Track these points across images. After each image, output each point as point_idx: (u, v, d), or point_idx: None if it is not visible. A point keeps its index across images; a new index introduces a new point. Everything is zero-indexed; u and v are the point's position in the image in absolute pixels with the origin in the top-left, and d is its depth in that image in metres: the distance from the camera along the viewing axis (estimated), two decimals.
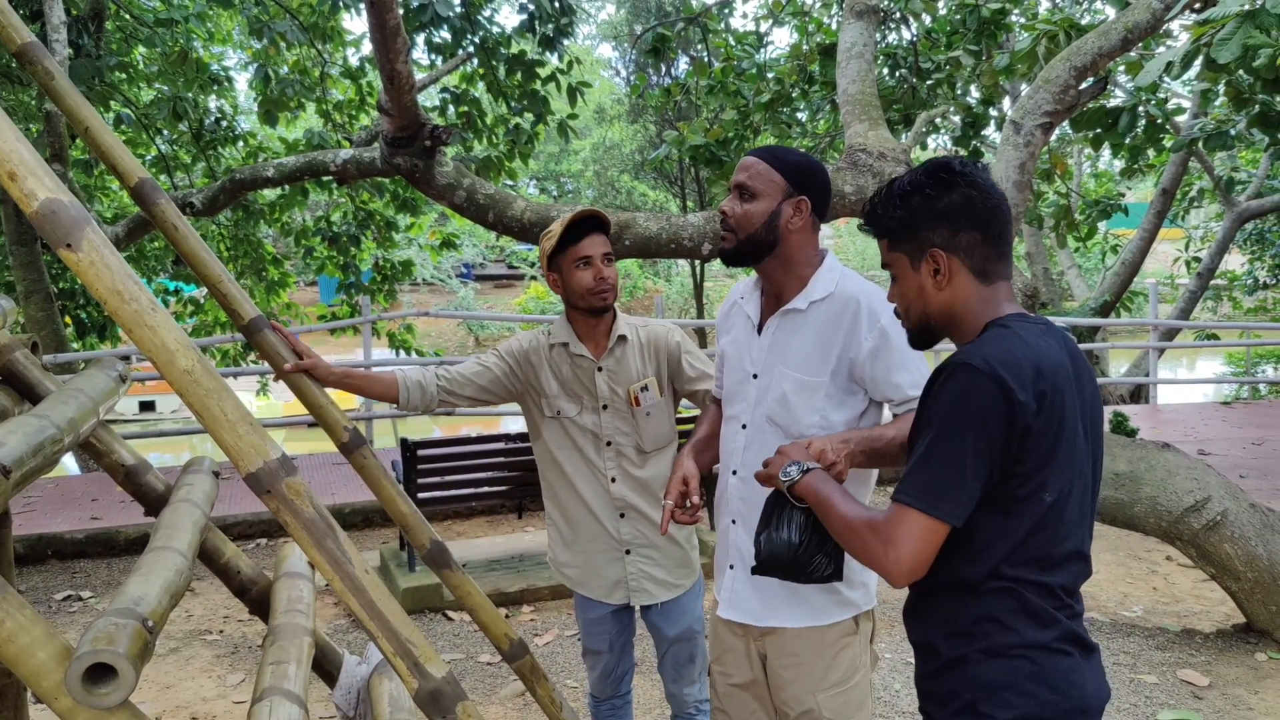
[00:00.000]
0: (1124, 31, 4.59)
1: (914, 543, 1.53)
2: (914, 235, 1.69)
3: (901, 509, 1.54)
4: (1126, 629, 4.67)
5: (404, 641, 1.59)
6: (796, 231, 2.19)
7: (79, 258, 1.42)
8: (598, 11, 29.88)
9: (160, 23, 8.53)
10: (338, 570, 1.56)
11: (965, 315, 1.68)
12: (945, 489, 1.52)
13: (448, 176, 4.87)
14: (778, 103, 8.16)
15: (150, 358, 1.48)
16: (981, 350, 1.56)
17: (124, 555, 6.54)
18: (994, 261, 1.68)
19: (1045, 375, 1.54)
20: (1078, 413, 1.60)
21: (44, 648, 1.51)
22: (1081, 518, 1.62)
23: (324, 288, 27.24)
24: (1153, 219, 11.84)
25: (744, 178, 2.21)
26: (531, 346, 2.85)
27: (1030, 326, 1.62)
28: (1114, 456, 4.44)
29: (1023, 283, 4.58)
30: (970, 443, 1.51)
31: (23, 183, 1.39)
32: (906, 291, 1.73)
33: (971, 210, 1.65)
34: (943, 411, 1.55)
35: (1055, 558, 1.58)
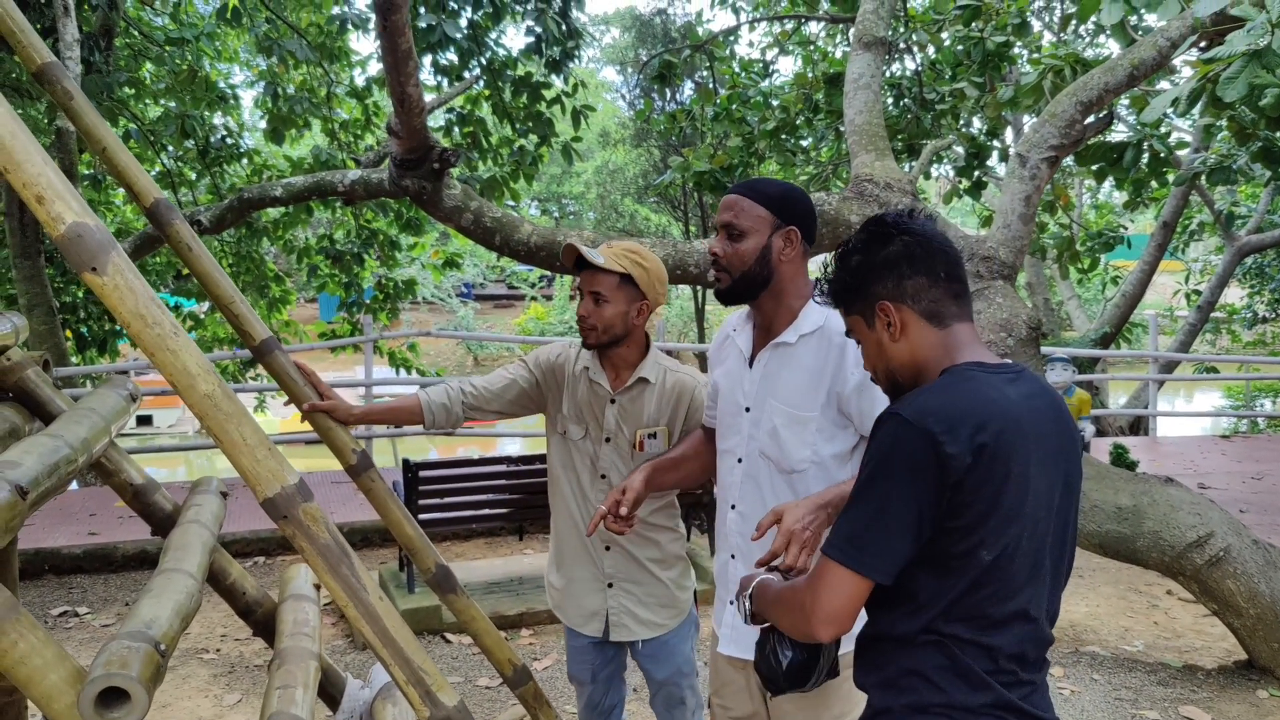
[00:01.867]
0: (1130, 68, 4.63)
1: (832, 595, 1.49)
2: (862, 293, 1.67)
3: (824, 561, 1.51)
4: (1128, 664, 4.65)
5: (416, 669, 1.58)
6: (789, 263, 2.20)
7: (104, 281, 1.42)
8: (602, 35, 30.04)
9: (171, 41, 8.58)
10: (352, 597, 1.55)
11: (926, 364, 1.64)
12: (868, 543, 1.48)
13: (455, 199, 4.89)
14: (782, 130, 8.21)
15: (171, 381, 1.48)
16: (918, 400, 1.53)
17: (121, 571, 6.51)
18: (947, 303, 1.64)
19: (989, 427, 1.47)
20: (1040, 466, 1.53)
21: (56, 670, 1.51)
22: (1033, 578, 1.54)
23: (324, 305, 27.26)
24: (1153, 251, 11.89)
25: (730, 217, 2.20)
26: (560, 359, 2.81)
27: (989, 376, 1.56)
28: (1117, 490, 4.44)
29: (1027, 314, 4.59)
30: (895, 496, 1.47)
31: (50, 206, 1.40)
32: (869, 353, 1.71)
33: (911, 256, 1.63)
34: (871, 463, 1.52)
35: (995, 618, 1.51)
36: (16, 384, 2.35)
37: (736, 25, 9.15)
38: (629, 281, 2.58)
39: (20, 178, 1.39)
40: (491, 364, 28.73)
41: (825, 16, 8.03)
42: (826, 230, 4.75)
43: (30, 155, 1.40)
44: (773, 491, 2.20)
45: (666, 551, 2.77)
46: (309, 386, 2.58)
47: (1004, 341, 4.54)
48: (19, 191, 1.41)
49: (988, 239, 4.81)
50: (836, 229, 4.73)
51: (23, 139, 1.40)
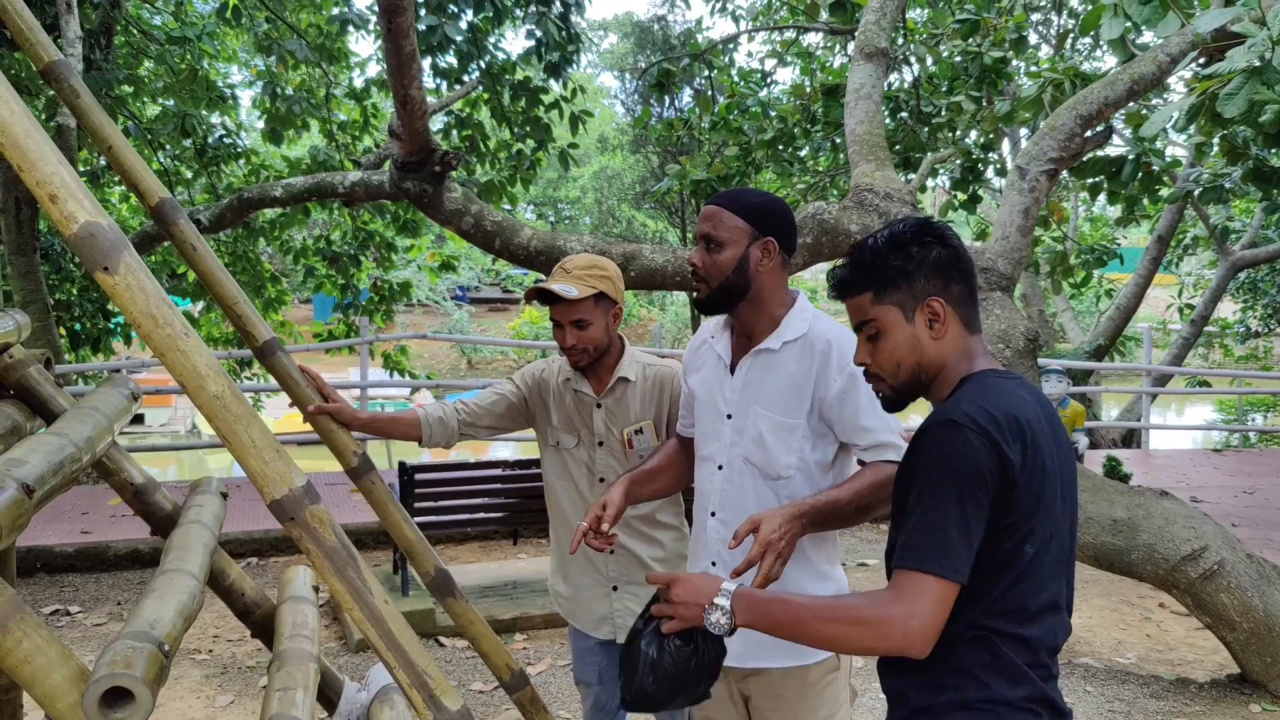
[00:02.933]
0: (1130, 82, 4.66)
1: (934, 608, 1.49)
2: (909, 285, 1.69)
3: (912, 575, 1.50)
4: (1121, 676, 4.67)
5: (420, 673, 1.58)
6: (767, 273, 2.20)
7: (115, 281, 1.42)
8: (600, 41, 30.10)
9: (173, 40, 8.57)
10: (358, 600, 1.55)
11: (950, 367, 1.69)
12: (952, 549, 1.50)
13: (456, 202, 4.89)
14: (780, 141, 8.23)
15: (181, 382, 1.48)
16: (962, 406, 1.56)
17: (113, 570, 6.49)
18: (974, 312, 1.72)
19: (1026, 428, 1.54)
20: (1056, 466, 1.60)
21: (59, 669, 1.50)
22: (1058, 571, 1.61)
23: (318, 306, 27.23)
24: (1148, 265, 11.95)
25: (708, 228, 2.21)
26: (544, 375, 2.86)
27: (1004, 381, 1.64)
28: (1112, 503, 4.45)
29: (1025, 326, 4.61)
30: (968, 501, 1.50)
31: (64, 205, 1.40)
32: (898, 345, 1.70)
33: (957, 265, 1.70)
34: (934, 471, 1.53)
35: (1031, 610, 1.56)
36: (18, 382, 2.34)
37: (736, 34, 9.17)
38: (602, 298, 2.64)
39: (34, 176, 1.39)
40: (485, 367, 28.72)
41: (825, 28, 8.05)
42: (826, 239, 4.76)
43: (44, 154, 1.40)
44: (756, 498, 2.19)
45: (670, 550, 2.79)
46: (312, 389, 2.58)
47: (1001, 353, 4.56)
48: (32, 190, 1.41)
49: (986, 250, 4.83)
50: (836, 237, 4.74)
51: (36, 138, 1.40)
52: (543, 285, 2.66)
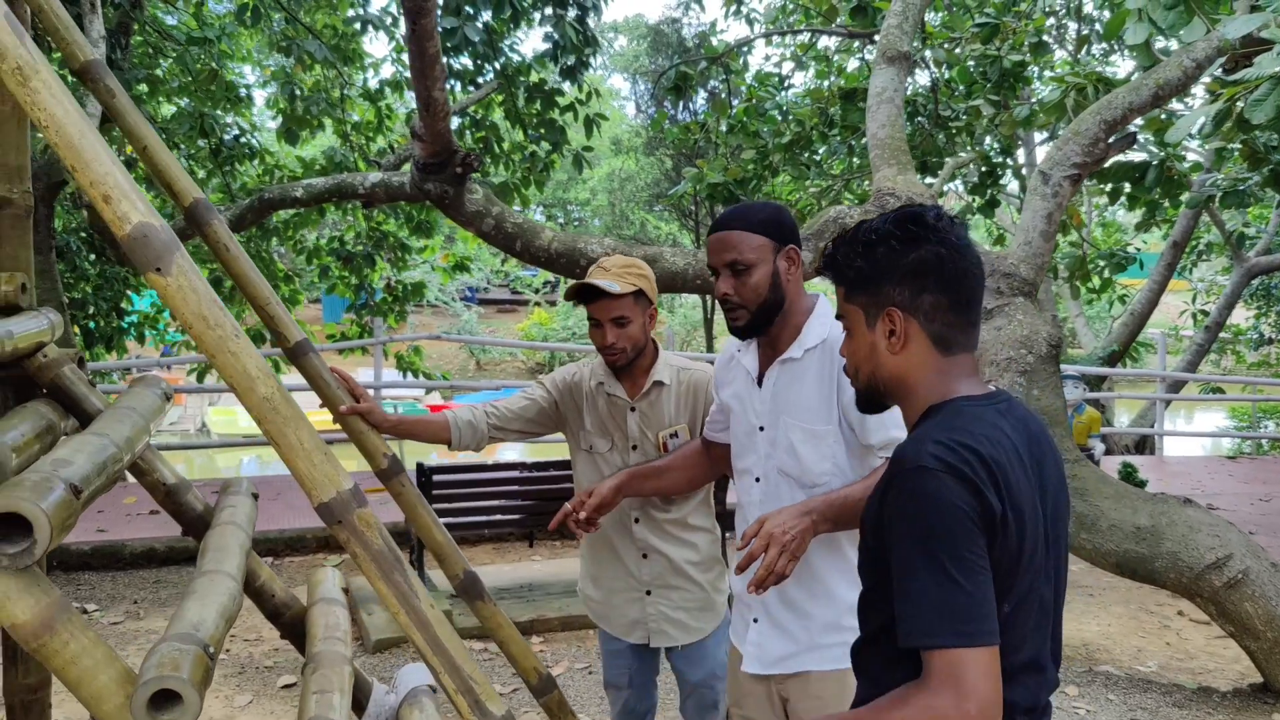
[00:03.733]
0: (1155, 87, 4.64)
1: (983, 681, 1.31)
2: (873, 289, 1.53)
3: (947, 655, 1.32)
4: (1142, 684, 4.64)
5: (466, 678, 1.58)
6: (795, 282, 2.20)
7: (167, 282, 1.42)
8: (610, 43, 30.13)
9: (193, 41, 8.59)
10: (404, 604, 1.55)
11: (916, 388, 1.53)
12: (973, 610, 1.33)
13: (477, 204, 4.89)
14: (797, 144, 8.22)
15: (231, 383, 1.47)
16: (928, 446, 1.39)
17: (129, 569, 6.50)
18: (958, 331, 1.52)
19: (999, 466, 1.39)
20: (1036, 502, 1.44)
21: (106, 671, 1.50)
22: (1040, 625, 1.47)
23: (327, 306, 27.24)
24: (1163, 271, 11.90)
25: (733, 254, 2.17)
26: (576, 379, 2.85)
27: (983, 409, 1.47)
28: (1135, 510, 4.43)
29: (1048, 331, 4.59)
30: (962, 552, 1.34)
31: (117, 205, 1.40)
32: (858, 349, 1.59)
33: (940, 270, 1.49)
34: (914, 529, 1.37)
35: (1010, 669, 1.39)
36: (52, 381, 2.34)
37: (751, 38, 9.16)
38: (641, 295, 2.64)
39: (88, 176, 1.39)
40: (494, 368, 28.72)
41: (843, 31, 8.04)
42: None
43: (98, 154, 1.40)
44: None
45: (704, 554, 2.79)
46: (343, 390, 2.59)
47: (1024, 358, 4.54)
48: (85, 190, 1.40)
49: (1009, 255, 4.81)
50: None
51: (90, 138, 1.40)
52: (587, 281, 2.66)
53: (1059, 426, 4.56)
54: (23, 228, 2.42)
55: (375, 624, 5.24)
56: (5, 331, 2.12)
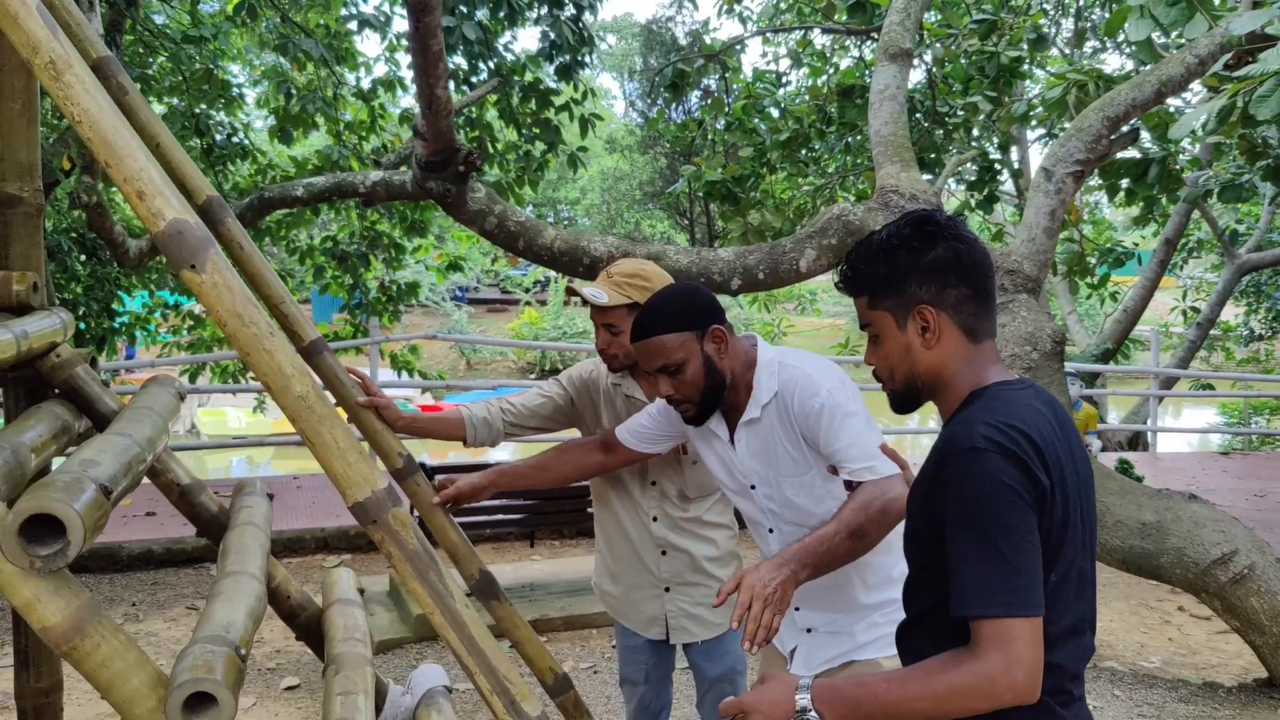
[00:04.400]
0: (1158, 84, 4.65)
1: (1029, 650, 1.39)
2: (899, 291, 1.60)
3: (996, 624, 1.39)
4: (1147, 680, 4.65)
5: (501, 679, 1.56)
6: (730, 355, 2.22)
7: (202, 279, 1.40)
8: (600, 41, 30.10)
9: (188, 39, 8.53)
10: (439, 604, 1.53)
11: (953, 378, 1.60)
12: (1022, 582, 1.40)
13: (479, 202, 4.87)
14: (795, 142, 8.21)
15: (265, 381, 1.46)
16: (978, 428, 1.46)
17: (126, 571, 6.46)
18: (983, 319, 1.60)
19: (1044, 445, 1.46)
20: (1074, 480, 1.51)
21: (138, 674, 1.48)
22: (1081, 592, 1.53)
23: (317, 306, 27.12)
24: (1155, 268, 11.94)
25: (661, 361, 2.19)
26: (592, 376, 2.84)
27: (1019, 393, 1.54)
28: (1140, 506, 4.44)
29: (1051, 328, 4.59)
30: (1015, 526, 1.41)
31: (151, 202, 1.38)
32: (891, 352, 1.63)
33: (959, 264, 1.57)
34: (967, 506, 1.43)
35: (1053, 636, 1.47)
36: (66, 381, 2.32)
37: (748, 34, 9.15)
38: (635, 307, 2.59)
39: (122, 173, 1.37)
40: (484, 368, 28.65)
41: (843, 29, 8.04)
42: (851, 241, 4.74)
43: (133, 151, 1.38)
44: None
45: (723, 550, 2.79)
46: (359, 390, 2.57)
47: (1028, 355, 4.54)
48: (119, 186, 1.38)
49: (1012, 252, 4.81)
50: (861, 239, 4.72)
51: (125, 135, 1.38)
52: (574, 288, 2.68)
53: None
54: (33, 227, 2.40)
55: (378, 625, 5.22)
56: (20, 331, 2.09)
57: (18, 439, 1.95)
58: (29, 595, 1.40)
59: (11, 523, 1.33)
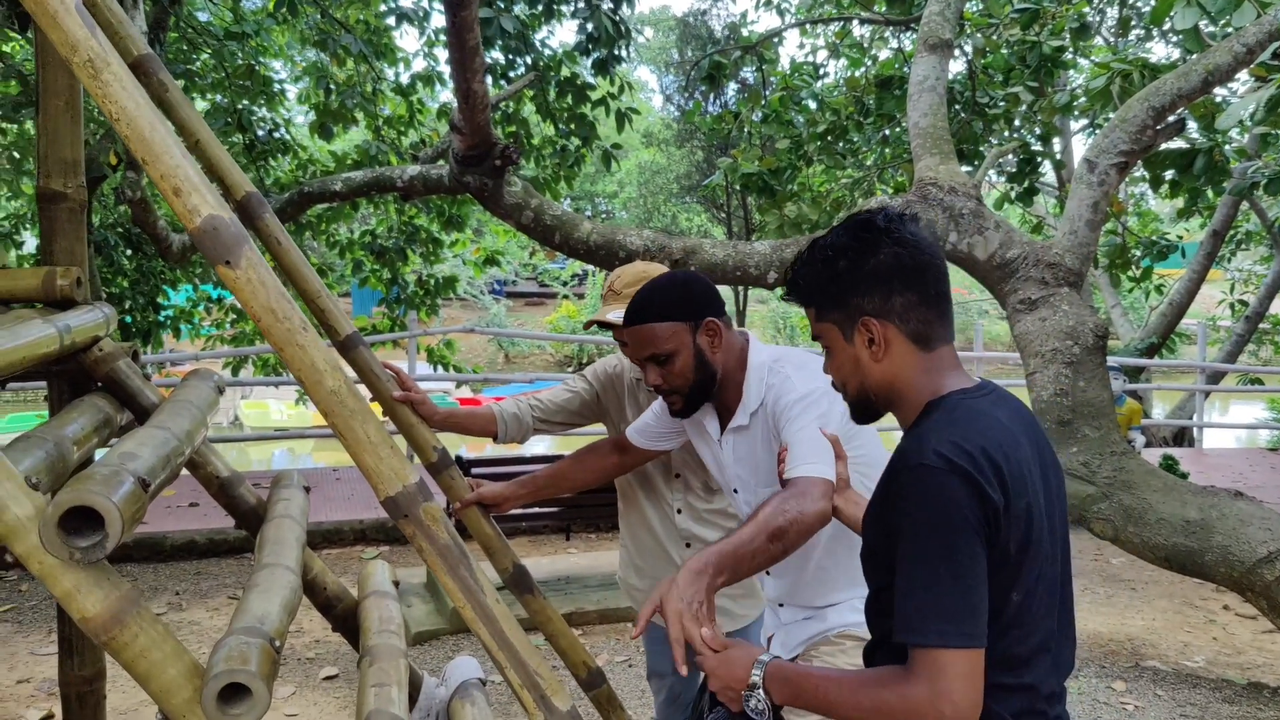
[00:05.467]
0: (1204, 73, 4.55)
1: (961, 682, 1.32)
2: (843, 303, 1.53)
3: (929, 654, 1.34)
4: (1191, 680, 4.57)
5: (532, 673, 1.56)
6: (722, 350, 2.17)
7: (236, 274, 1.41)
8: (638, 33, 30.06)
9: (230, 36, 8.64)
10: (470, 598, 1.54)
11: (907, 389, 1.52)
12: (961, 612, 1.34)
13: (516, 196, 4.88)
14: (832, 134, 8.15)
15: (298, 376, 1.47)
16: (931, 443, 1.39)
17: (170, 561, 6.56)
18: (934, 325, 1.51)
19: (1005, 459, 1.38)
20: (1039, 490, 1.44)
21: (174, 664, 1.50)
22: (1049, 609, 1.46)
23: (357, 300, 27.39)
24: (1202, 260, 11.72)
25: (650, 349, 2.15)
26: (617, 371, 2.85)
27: (978, 401, 1.47)
28: (1184, 503, 4.36)
29: (1094, 322, 4.52)
30: (961, 552, 1.34)
31: (187, 199, 1.39)
32: (842, 365, 1.57)
33: (902, 270, 1.49)
34: (916, 526, 1.37)
35: (1023, 656, 1.42)
36: (108, 375, 2.36)
37: (786, 26, 9.09)
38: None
39: (159, 169, 1.38)
40: (522, 361, 28.79)
41: (881, 19, 7.96)
42: None
43: (169, 148, 1.39)
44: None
45: None
46: (394, 384, 2.59)
47: (1069, 349, 4.48)
48: (156, 183, 1.40)
49: (1053, 245, 4.74)
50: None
51: (161, 132, 1.39)
52: (595, 319, 2.71)
53: (1106, 418, 4.49)
54: (77, 222, 2.43)
55: (415, 616, 5.26)
56: (64, 326, 2.13)
57: (60, 432, 1.99)
58: (69, 586, 1.43)
59: (51, 515, 1.36)
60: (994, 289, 4.91)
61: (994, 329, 27.46)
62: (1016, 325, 4.71)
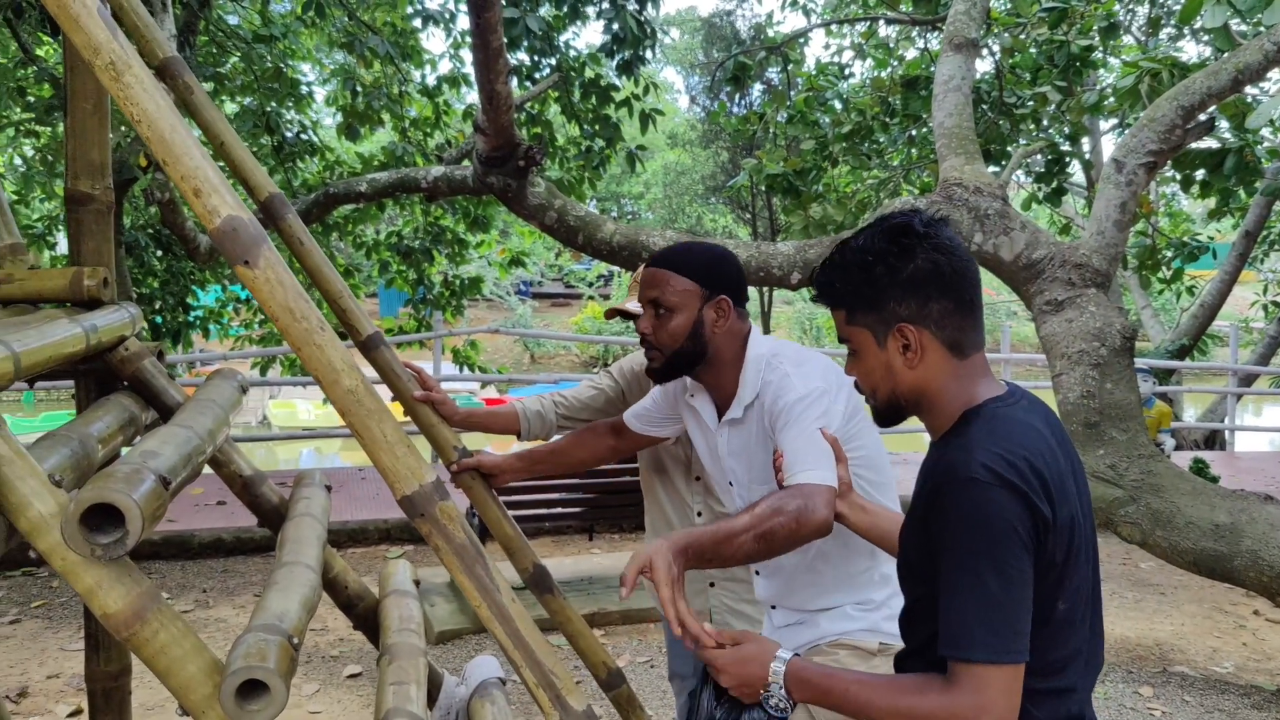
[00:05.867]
0: (1235, 72, 4.49)
1: (1003, 698, 1.34)
2: (878, 308, 1.50)
3: (972, 669, 1.34)
4: (1219, 685, 4.52)
5: (547, 673, 1.57)
6: (723, 334, 2.09)
7: (255, 274, 1.43)
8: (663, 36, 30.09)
9: (259, 39, 8.73)
10: (486, 597, 1.54)
11: (940, 397, 1.51)
12: (1007, 628, 1.34)
13: (539, 197, 4.89)
14: (857, 134, 8.12)
15: (316, 376, 1.48)
16: (977, 455, 1.38)
17: (197, 558, 6.63)
18: (969, 332, 1.50)
19: (1048, 472, 1.38)
20: (1075, 498, 1.44)
21: (194, 661, 1.52)
22: (1085, 614, 1.46)
23: (384, 301, 27.56)
24: (1234, 261, 11.57)
25: (656, 293, 2.09)
26: (642, 368, 2.84)
27: (1013, 409, 1.46)
28: (1213, 507, 4.30)
29: (1121, 324, 4.47)
30: (1009, 567, 1.34)
31: (206, 199, 1.40)
32: (873, 370, 1.55)
33: (940, 277, 1.47)
34: (962, 540, 1.36)
35: (1062, 660, 1.43)
36: (134, 374, 2.38)
37: (812, 26, 9.06)
38: None
39: (179, 171, 1.40)
40: (548, 362, 28.87)
41: (907, 18, 7.92)
42: None
43: (189, 149, 1.41)
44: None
45: None
46: (415, 383, 2.60)
47: (1097, 351, 4.43)
48: (176, 184, 1.41)
49: (1080, 246, 4.70)
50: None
51: (182, 133, 1.41)
52: (616, 307, 2.69)
53: (1134, 421, 4.44)
54: (104, 224, 2.46)
55: (438, 615, 5.29)
56: (90, 325, 2.16)
57: (86, 430, 2.02)
58: (91, 582, 1.45)
59: (73, 512, 1.37)
60: (1020, 290, 4.87)
61: (1022, 330, 27.24)
62: (1043, 327, 4.67)
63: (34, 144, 11.03)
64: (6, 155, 12.00)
